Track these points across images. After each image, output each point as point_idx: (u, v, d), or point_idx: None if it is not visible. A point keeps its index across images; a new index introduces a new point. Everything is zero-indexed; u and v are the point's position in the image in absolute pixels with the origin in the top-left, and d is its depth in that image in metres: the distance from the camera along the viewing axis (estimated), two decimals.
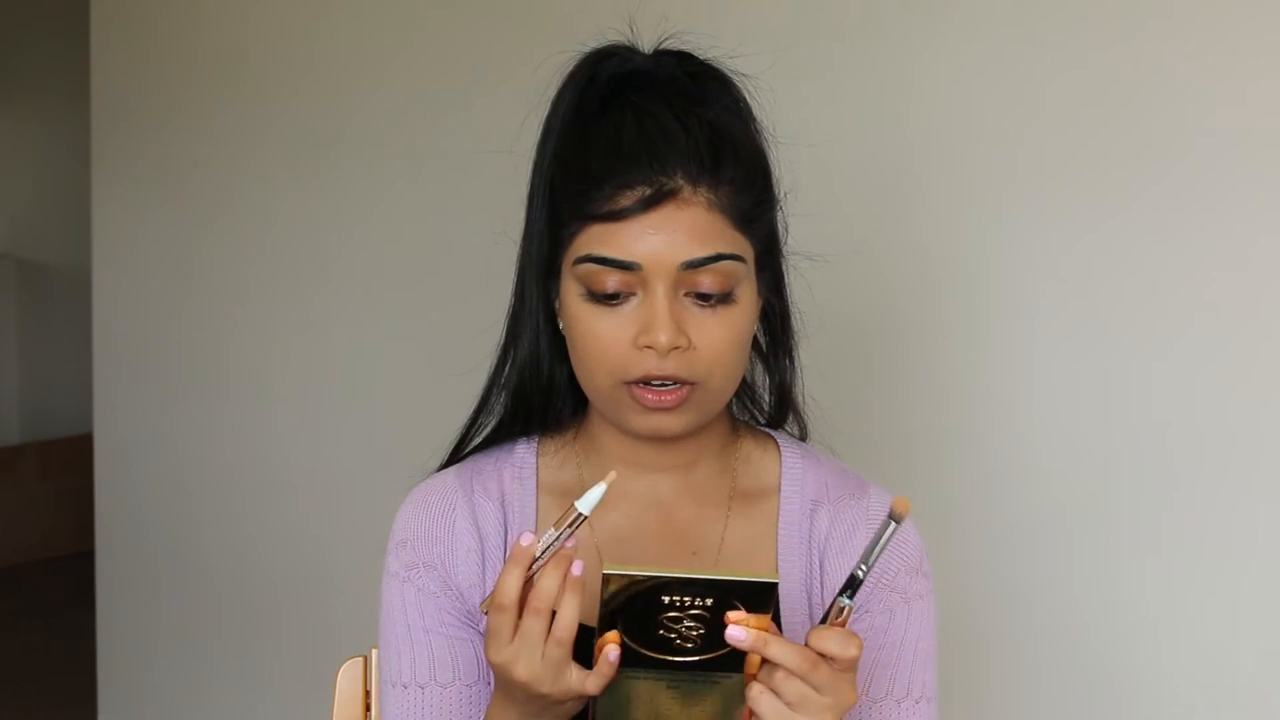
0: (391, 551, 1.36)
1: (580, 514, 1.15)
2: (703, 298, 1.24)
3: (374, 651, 1.51)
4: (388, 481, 1.44)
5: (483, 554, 1.33)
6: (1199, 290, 1.99)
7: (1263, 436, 1.95)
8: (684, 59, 1.32)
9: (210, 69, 3.26)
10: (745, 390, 1.39)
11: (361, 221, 2.99)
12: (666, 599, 1.09)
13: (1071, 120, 2.06)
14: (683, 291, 1.23)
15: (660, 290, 1.22)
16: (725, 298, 1.24)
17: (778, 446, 1.40)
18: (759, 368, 1.38)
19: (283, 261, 3.15)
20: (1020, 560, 2.15)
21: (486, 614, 1.16)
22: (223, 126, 3.23)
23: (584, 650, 1.16)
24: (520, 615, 1.14)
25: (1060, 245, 2.08)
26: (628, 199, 1.21)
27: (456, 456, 1.41)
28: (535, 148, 1.33)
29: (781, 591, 1.33)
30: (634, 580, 1.09)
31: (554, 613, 1.14)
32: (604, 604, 1.10)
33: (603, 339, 1.25)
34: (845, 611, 1.14)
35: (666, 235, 1.21)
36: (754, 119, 1.33)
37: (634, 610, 1.10)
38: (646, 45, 1.33)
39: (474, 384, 1.40)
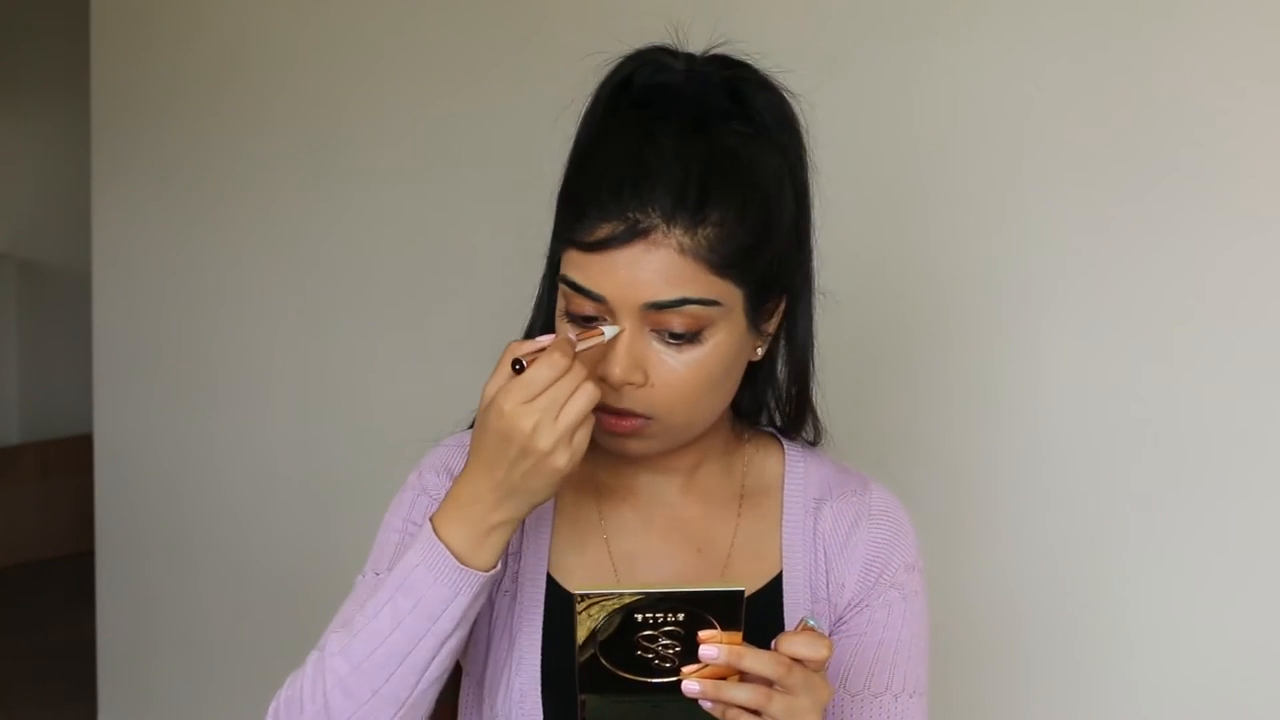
0: (413, 475, 1.38)
1: (604, 335, 1.22)
2: (673, 335, 1.23)
3: None
4: (387, 481, 1.43)
5: None
6: (1204, 292, 1.99)
7: (1265, 438, 1.95)
8: (732, 66, 1.29)
9: (210, 69, 3.26)
10: (766, 399, 1.39)
11: (362, 221, 2.99)
12: (640, 617, 1.12)
13: (1077, 121, 2.06)
14: (650, 327, 1.23)
15: (625, 326, 1.22)
16: (693, 338, 1.23)
17: (781, 445, 1.42)
18: (779, 375, 1.38)
19: (283, 261, 3.15)
20: (1023, 561, 2.15)
21: (517, 367, 1.19)
22: (223, 127, 3.23)
23: (565, 668, 1.19)
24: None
25: (1065, 247, 2.08)
26: (602, 232, 1.21)
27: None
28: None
29: (786, 587, 1.35)
30: (606, 599, 1.12)
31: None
32: (579, 623, 1.12)
33: None
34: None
35: (632, 274, 1.21)
36: (798, 143, 1.30)
37: (610, 631, 1.13)
38: (696, 48, 1.31)
39: (472, 383, 1.40)
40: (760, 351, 1.32)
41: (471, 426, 1.38)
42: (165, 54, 3.35)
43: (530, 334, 1.37)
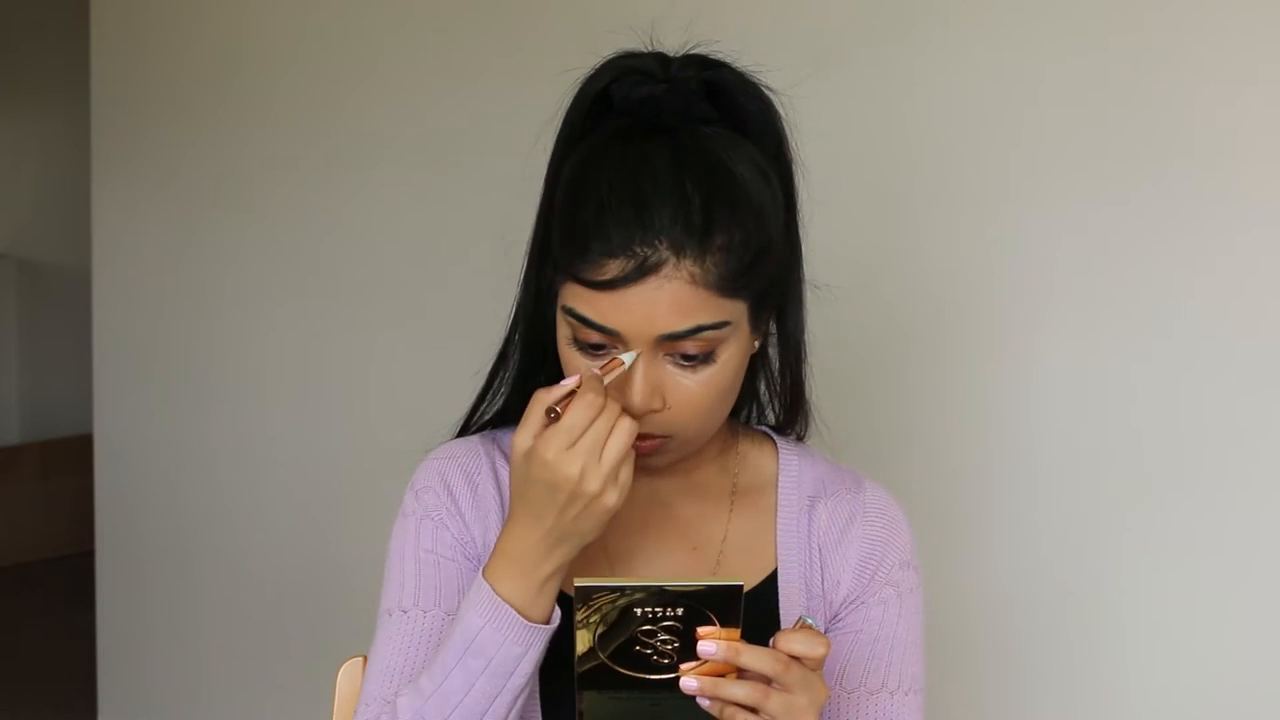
0: (410, 497, 1.37)
1: (624, 363, 1.22)
2: (686, 358, 1.23)
3: None
4: (387, 481, 1.44)
5: (502, 515, 1.34)
6: (1202, 293, 1.99)
7: (1262, 440, 1.95)
8: (710, 67, 1.29)
9: (210, 69, 3.26)
10: (757, 387, 1.40)
11: (362, 221, 2.99)
12: (639, 612, 1.12)
13: (1074, 120, 2.06)
14: (664, 353, 1.23)
15: (639, 351, 1.23)
16: (706, 358, 1.24)
17: (774, 444, 1.42)
18: (770, 376, 1.38)
19: (283, 262, 3.15)
20: (1019, 559, 2.15)
21: (551, 415, 1.19)
22: (222, 127, 3.23)
23: (566, 673, 1.18)
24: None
25: (1061, 246, 2.08)
26: (610, 269, 1.20)
27: (465, 432, 1.41)
28: (549, 155, 1.31)
29: (781, 585, 1.36)
30: (604, 591, 1.12)
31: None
32: (578, 618, 1.13)
33: None
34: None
35: (646, 310, 1.21)
36: (783, 141, 1.30)
37: (609, 626, 1.13)
38: (670, 48, 1.30)
39: (472, 384, 1.41)
40: (757, 344, 1.32)
41: (461, 434, 1.40)
42: (165, 54, 3.36)
43: (510, 341, 1.37)
